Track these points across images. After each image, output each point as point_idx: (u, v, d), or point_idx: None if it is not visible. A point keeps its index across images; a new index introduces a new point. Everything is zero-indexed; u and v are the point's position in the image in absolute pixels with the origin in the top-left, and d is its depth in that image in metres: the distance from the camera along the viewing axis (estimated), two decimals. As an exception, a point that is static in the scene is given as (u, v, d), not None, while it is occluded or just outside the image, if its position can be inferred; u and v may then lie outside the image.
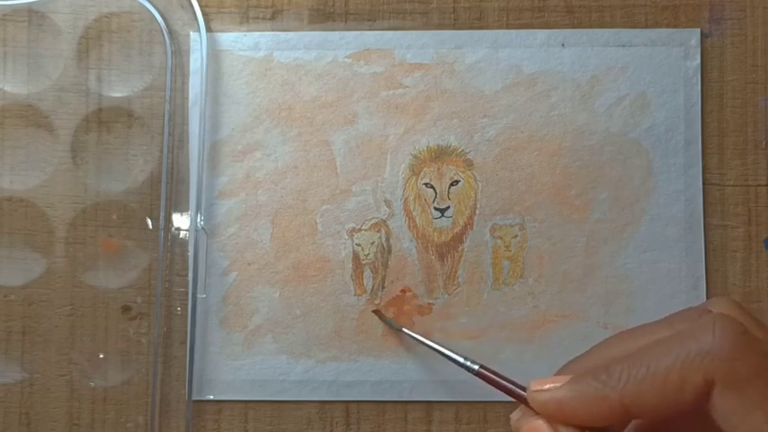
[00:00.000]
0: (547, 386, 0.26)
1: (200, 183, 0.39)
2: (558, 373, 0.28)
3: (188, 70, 0.40)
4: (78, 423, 0.39)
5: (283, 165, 0.40)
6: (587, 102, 0.40)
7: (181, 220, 0.40)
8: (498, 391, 0.30)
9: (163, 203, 0.39)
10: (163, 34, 0.40)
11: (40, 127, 0.40)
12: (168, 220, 0.40)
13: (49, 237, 0.40)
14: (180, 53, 0.40)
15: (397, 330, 0.39)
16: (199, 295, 0.39)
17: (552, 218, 0.40)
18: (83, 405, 0.40)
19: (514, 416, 0.28)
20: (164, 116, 0.40)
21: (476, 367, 0.32)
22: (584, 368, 0.26)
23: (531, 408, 0.27)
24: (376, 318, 0.39)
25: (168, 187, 0.40)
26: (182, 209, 0.40)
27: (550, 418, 0.26)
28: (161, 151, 0.40)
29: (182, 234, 0.40)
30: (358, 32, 0.40)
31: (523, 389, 0.29)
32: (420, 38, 0.40)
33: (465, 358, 0.33)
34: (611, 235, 0.40)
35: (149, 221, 0.40)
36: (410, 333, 0.38)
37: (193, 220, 0.39)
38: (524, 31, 0.40)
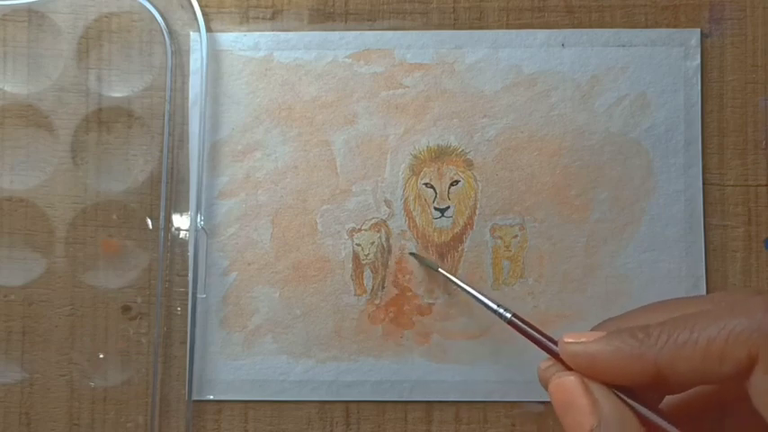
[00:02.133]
0: (582, 339, 0.26)
1: (200, 183, 0.39)
2: (593, 329, 0.27)
3: (188, 70, 0.40)
4: (78, 423, 0.39)
5: (283, 165, 0.40)
6: (587, 102, 0.40)
7: (181, 221, 0.40)
8: (531, 342, 0.30)
9: (163, 203, 0.39)
10: (163, 34, 0.40)
11: (40, 127, 0.40)
12: (168, 220, 0.40)
13: (49, 237, 0.40)
14: (180, 53, 0.40)
15: (435, 270, 0.38)
16: (199, 295, 0.39)
17: (552, 218, 0.40)
18: (83, 405, 0.40)
19: (544, 364, 0.28)
20: (164, 116, 0.40)
21: (508, 315, 0.32)
22: (619, 328, 0.26)
23: (561, 362, 0.26)
24: (376, 318, 0.39)
25: (168, 187, 0.40)
26: (182, 209, 0.40)
27: (581, 372, 0.26)
28: (161, 151, 0.40)
29: (182, 234, 0.40)
30: (358, 32, 0.40)
31: (555, 342, 0.28)
32: (420, 38, 0.40)
33: (498, 305, 0.33)
34: (611, 235, 0.40)
35: (149, 221, 0.40)
36: (446, 274, 0.38)
37: (193, 220, 0.39)
38: (524, 31, 0.40)
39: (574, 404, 0.25)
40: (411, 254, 0.39)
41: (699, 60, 0.40)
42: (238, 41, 0.40)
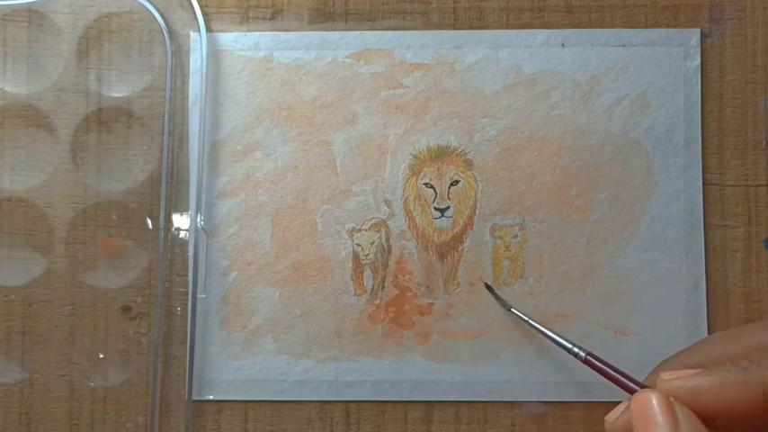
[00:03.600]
0: (681, 375, 0.26)
1: (200, 183, 0.39)
2: (653, 372, 0.27)
3: (188, 70, 0.40)
4: (78, 423, 0.39)
5: (283, 165, 0.40)
6: (587, 102, 0.40)
7: (181, 220, 0.40)
8: (606, 380, 0.30)
9: (163, 203, 0.39)
10: (163, 34, 0.40)
11: (40, 127, 0.40)
12: (168, 220, 0.40)
13: (49, 237, 0.40)
14: (180, 53, 0.40)
15: (507, 310, 0.38)
16: (199, 295, 0.39)
17: (552, 218, 0.40)
18: (83, 405, 0.40)
19: (612, 416, 0.27)
20: (164, 116, 0.40)
21: (583, 354, 0.33)
22: (693, 364, 0.26)
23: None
24: (376, 318, 0.39)
25: (168, 187, 0.40)
26: (182, 209, 0.40)
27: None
28: (161, 151, 0.40)
29: (182, 234, 0.40)
30: (358, 32, 0.40)
31: (632, 380, 0.28)
32: (420, 38, 0.40)
33: (573, 345, 0.33)
34: (611, 235, 0.40)
35: (149, 221, 0.40)
36: (518, 314, 0.38)
37: (193, 221, 0.39)
38: (524, 31, 0.40)
39: (655, 420, 0.25)
40: (486, 285, 0.39)
41: (699, 60, 0.40)
42: (238, 41, 0.40)
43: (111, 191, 0.40)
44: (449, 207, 0.40)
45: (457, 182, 0.40)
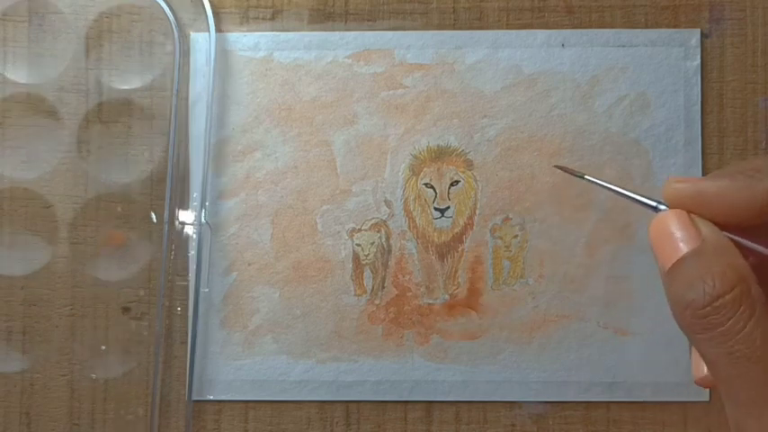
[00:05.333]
0: (688, 179, 0.26)
1: (205, 178, 0.39)
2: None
3: (194, 68, 0.40)
4: (78, 423, 0.39)
5: (283, 165, 0.40)
6: (587, 102, 0.40)
7: (185, 215, 0.40)
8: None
9: (168, 197, 0.39)
10: (172, 29, 0.40)
11: (46, 119, 0.40)
12: (172, 215, 0.40)
13: (53, 229, 0.40)
14: (186, 50, 0.40)
15: (580, 177, 0.36)
16: (202, 289, 0.39)
17: (552, 218, 0.40)
18: (83, 405, 0.40)
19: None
20: (169, 111, 0.40)
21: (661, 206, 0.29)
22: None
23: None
24: (376, 318, 0.39)
25: (173, 182, 0.40)
26: (186, 204, 0.40)
27: (686, 209, 0.25)
28: (166, 146, 0.40)
29: (185, 229, 0.40)
30: (358, 32, 0.40)
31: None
32: (420, 38, 0.40)
33: (649, 199, 0.29)
34: (612, 235, 0.40)
35: (153, 216, 0.40)
36: (592, 179, 0.34)
37: (198, 213, 0.39)
38: (524, 31, 0.40)
39: (673, 234, 0.25)
40: (555, 166, 0.38)
41: (699, 60, 0.40)
42: (238, 41, 0.40)
43: (115, 184, 0.40)
44: (449, 207, 0.40)
45: (457, 182, 0.40)
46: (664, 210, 0.27)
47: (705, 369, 0.26)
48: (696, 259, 0.24)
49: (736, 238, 0.25)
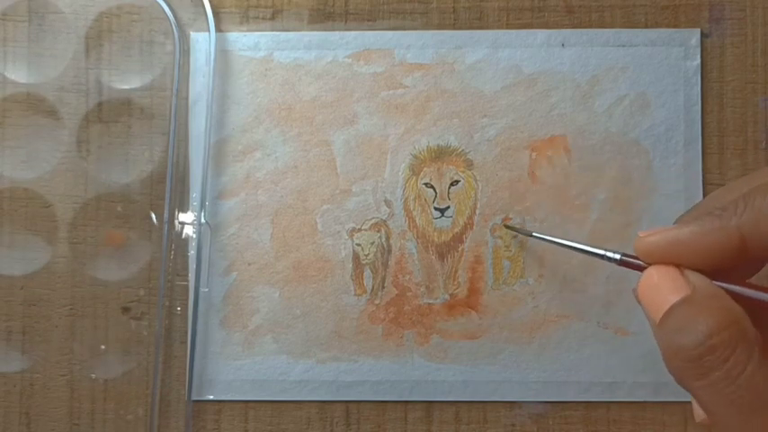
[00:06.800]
0: (656, 230, 0.25)
1: (204, 177, 0.39)
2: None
3: (194, 67, 0.40)
4: (78, 423, 0.39)
5: (283, 165, 0.40)
6: (587, 102, 0.40)
7: (185, 215, 0.40)
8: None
9: (167, 197, 0.39)
10: (172, 29, 0.40)
11: (46, 119, 0.40)
12: (172, 215, 0.40)
13: (52, 228, 0.40)
14: (186, 50, 0.40)
15: (528, 236, 0.37)
16: (202, 289, 0.39)
17: (552, 218, 0.40)
18: (83, 405, 0.40)
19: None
20: (169, 111, 0.40)
21: (617, 257, 0.29)
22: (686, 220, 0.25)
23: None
24: (376, 318, 0.39)
25: (173, 181, 0.40)
26: (186, 204, 0.40)
27: (663, 262, 0.25)
28: (166, 146, 0.40)
29: (185, 228, 0.40)
30: (358, 32, 0.40)
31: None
32: (420, 38, 0.40)
33: (605, 250, 0.30)
34: (612, 235, 0.40)
35: (153, 216, 0.40)
36: (541, 236, 0.36)
37: (198, 213, 0.39)
38: (524, 31, 0.40)
39: (662, 287, 0.24)
40: (504, 225, 0.39)
41: (699, 60, 0.40)
42: (238, 41, 0.40)
43: (115, 184, 0.40)
44: (449, 207, 0.40)
45: (457, 182, 0.40)
46: (615, 257, 0.28)
47: None
48: (687, 305, 0.24)
49: (725, 285, 0.24)
